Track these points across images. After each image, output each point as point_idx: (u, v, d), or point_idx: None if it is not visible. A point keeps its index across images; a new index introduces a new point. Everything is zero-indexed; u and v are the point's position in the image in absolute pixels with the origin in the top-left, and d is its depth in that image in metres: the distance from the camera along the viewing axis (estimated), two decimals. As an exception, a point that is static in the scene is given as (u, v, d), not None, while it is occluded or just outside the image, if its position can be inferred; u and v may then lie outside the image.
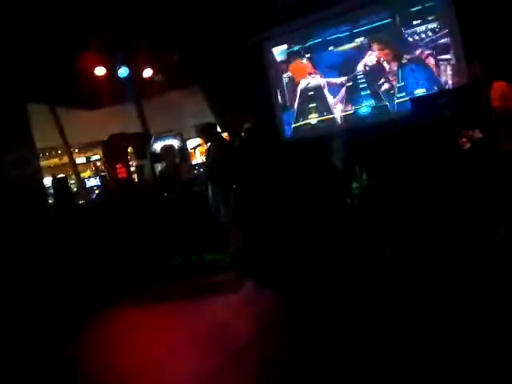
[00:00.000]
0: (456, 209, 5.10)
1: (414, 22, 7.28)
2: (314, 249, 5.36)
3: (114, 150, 8.72)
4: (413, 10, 7.29)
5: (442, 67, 7.13)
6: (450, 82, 7.06)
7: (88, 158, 16.56)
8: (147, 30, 6.99)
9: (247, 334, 4.03)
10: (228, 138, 8.79)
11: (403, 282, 4.45)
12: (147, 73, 8.74)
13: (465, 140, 5.10)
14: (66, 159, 13.93)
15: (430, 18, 7.16)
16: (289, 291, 4.79)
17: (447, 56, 7.10)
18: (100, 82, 8.45)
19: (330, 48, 8.14)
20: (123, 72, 8.30)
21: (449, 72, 7.08)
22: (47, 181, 10.30)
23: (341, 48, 8.04)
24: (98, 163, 16.20)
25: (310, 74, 8.43)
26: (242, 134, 7.65)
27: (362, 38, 7.82)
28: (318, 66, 8.32)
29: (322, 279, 4.94)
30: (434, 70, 7.20)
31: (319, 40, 8.23)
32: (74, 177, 12.45)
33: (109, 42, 7.36)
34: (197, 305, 5.14)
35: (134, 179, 9.14)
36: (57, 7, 5.74)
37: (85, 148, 15.95)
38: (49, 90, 9.08)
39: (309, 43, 8.36)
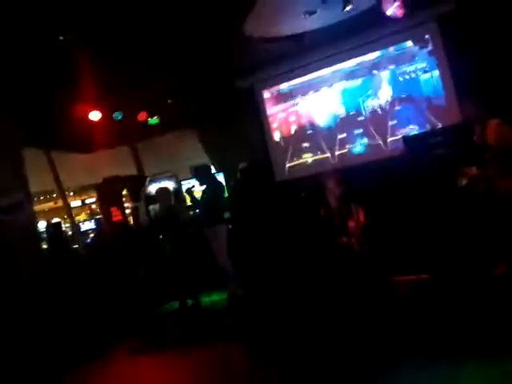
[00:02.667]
0: (454, 247, 5.04)
1: (404, 61, 7.41)
2: (310, 292, 5.27)
3: (108, 193, 8.70)
4: (402, 49, 7.44)
5: (434, 105, 7.21)
6: (441, 119, 7.11)
7: (83, 201, 16.52)
8: (142, 73, 7.05)
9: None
10: (223, 179, 8.81)
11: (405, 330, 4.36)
12: (142, 116, 8.79)
13: (461, 177, 5.09)
14: (60, 203, 13.87)
15: (419, 57, 7.29)
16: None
17: (438, 93, 7.19)
18: (94, 126, 8.47)
19: (322, 88, 8.23)
20: (118, 115, 8.33)
21: (440, 109, 7.15)
22: (42, 225, 10.22)
23: (332, 87, 8.15)
24: (94, 206, 16.14)
25: (302, 114, 8.50)
26: (238, 174, 7.68)
27: (353, 78, 7.93)
28: (310, 106, 8.40)
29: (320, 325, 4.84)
30: (425, 107, 7.28)
31: (310, 80, 8.35)
32: (68, 220, 12.37)
33: (103, 86, 7.40)
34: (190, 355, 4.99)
35: (129, 222, 9.07)
36: (50, 52, 5.80)
37: (80, 191, 15.94)
38: (43, 134, 9.12)
39: (300, 84, 8.47)
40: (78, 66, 6.35)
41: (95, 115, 8.17)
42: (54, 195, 15.10)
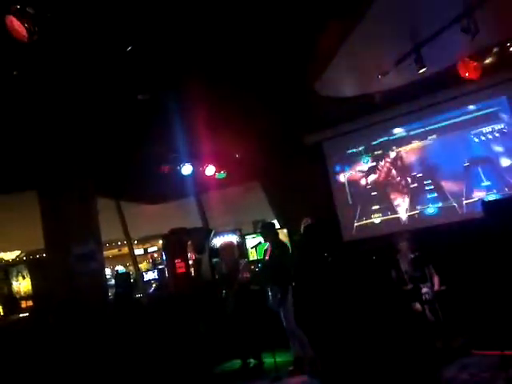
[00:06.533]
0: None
1: (480, 123, 7.22)
2: (381, 358, 5.00)
3: (173, 244, 8.80)
4: (477, 110, 7.27)
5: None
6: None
7: (146, 250, 16.87)
8: (211, 129, 7.24)
9: None
10: (287, 235, 8.74)
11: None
12: (210, 170, 8.95)
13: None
14: (124, 250, 14.23)
15: (496, 118, 7.10)
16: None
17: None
18: (163, 178, 8.72)
19: (393, 148, 8.16)
20: (187, 169, 8.52)
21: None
22: (106, 271, 10.48)
23: (404, 148, 8.05)
24: (155, 255, 16.42)
25: (371, 173, 8.41)
26: (302, 230, 7.58)
27: (427, 138, 7.81)
28: (380, 165, 8.30)
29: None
30: (503, 170, 7.00)
31: (381, 140, 8.29)
32: (132, 268, 12.62)
33: (173, 140, 7.65)
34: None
35: (191, 273, 9.11)
36: (123, 108, 6.08)
37: (143, 240, 16.29)
38: (115, 186, 9.48)
39: (370, 143, 8.43)
40: (150, 121, 6.64)
41: (165, 168, 8.41)
42: (119, 243, 15.52)
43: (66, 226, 7.05)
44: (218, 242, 8.99)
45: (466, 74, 6.00)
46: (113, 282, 9.37)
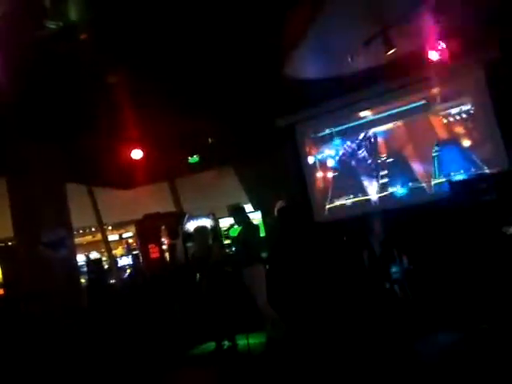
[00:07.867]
0: (502, 295, 4.84)
1: (448, 104, 7.32)
2: (352, 335, 5.12)
3: (147, 229, 8.78)
4: (446, 93, 7.36)
5: (480, 149, 7.06)
6: (488, 164, 6.93)
7: (120, 236, 16.70)
8: (183, 113, 7.17)
9: None
10: (261, 217, 8.81)
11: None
12: (182, 154, 8.89)
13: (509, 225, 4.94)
14: (99, 237, 14.09)
15: (464, 101, 7.20)
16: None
17: (484, 137, 7.03)
18: (135, 163, 8.59)
19: (363, 130, 8.23)
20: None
21: (487, 154, 6.98)
22: (80, 258, 10.37)
23: (373, 130, 8.13)
24: (131, 240, 16.29)
25: (343, 155, 8.47)
26: (275, 213, 7.64)
27: (395, 120, 7.90)
28: (350, 148, 8.36)
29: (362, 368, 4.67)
30: (471, 151, 7.13)
31: (352, 122, 8.34)
32: (106, 254, 12.54)
33: (145, 124, 7.54)
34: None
35: (166, 258, 9.10)
36: (92, 90, 5.96)
37: (118, 226, 16.11)
38: (86, 170, 9.34)
39: (341, 126, 8.46)
40: (121, 105, 6.53)
41: (137, 154, 8.25)
42: (93, 229, 15.34)
43: (34, 213, 6.93)
44: (191, 226, 8.98)
45: (434, 57, 6.07)
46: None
